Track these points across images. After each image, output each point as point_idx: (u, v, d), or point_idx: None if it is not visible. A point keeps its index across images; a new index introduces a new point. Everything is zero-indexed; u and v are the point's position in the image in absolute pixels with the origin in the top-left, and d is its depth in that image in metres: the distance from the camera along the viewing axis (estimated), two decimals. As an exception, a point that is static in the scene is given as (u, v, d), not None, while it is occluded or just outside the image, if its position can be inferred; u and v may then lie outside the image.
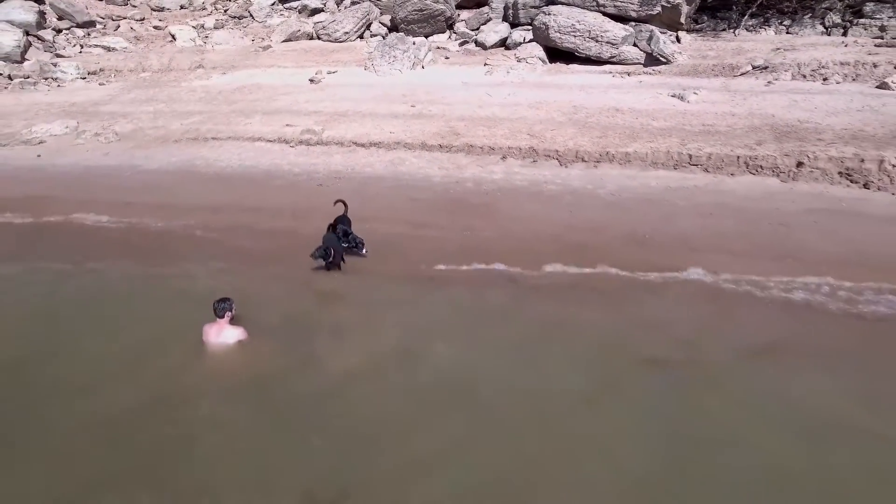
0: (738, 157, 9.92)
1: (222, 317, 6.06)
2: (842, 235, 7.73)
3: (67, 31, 20.15)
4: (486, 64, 17.01)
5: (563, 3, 17.03)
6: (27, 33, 18.82)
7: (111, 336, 6.25)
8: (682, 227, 8.29)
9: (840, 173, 9.37)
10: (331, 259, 7.31)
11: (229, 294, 6.22)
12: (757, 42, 16.07)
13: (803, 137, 10.27)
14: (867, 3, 16.11)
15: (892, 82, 12.73)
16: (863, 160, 9.31)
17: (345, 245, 7.76)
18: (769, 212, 8.54)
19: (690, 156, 10.14)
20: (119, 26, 21.35)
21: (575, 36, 16.24)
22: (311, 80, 16.74)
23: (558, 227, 8.35)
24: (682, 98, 13.08)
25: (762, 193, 9.15)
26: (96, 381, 5.53)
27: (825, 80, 13.57)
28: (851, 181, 9.24)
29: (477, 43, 18.59)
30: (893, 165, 9.14)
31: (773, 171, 9.67)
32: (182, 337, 6.16)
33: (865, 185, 9.11)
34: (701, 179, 9.69)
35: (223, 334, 6.07)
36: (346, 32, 20.09)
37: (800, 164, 9.58)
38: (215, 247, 8.29)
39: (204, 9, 23.65)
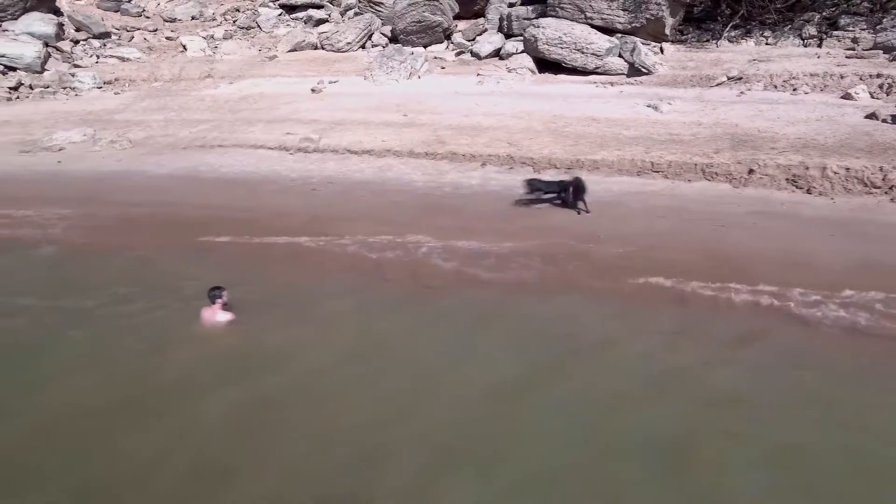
0: (696, 165, 10.74)
1: (214, 303, 7.06)
2: (771, 234, 8.54)
3: (84, 42, 21.33)
4: (478, 74, 17.87)
5: (552, 16, 17.95)
6: (47, 45, 20.00)
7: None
8: (634, 226, 9.13)
9: (787, 179, 10.17)
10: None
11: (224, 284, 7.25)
12: (736, 53, 16.81)
13: (758, 146, 11.07)
14: (842, 17, 16.86)
15: (855, 93, 13.48)
16: (807, 167, 10.10)
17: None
18: (715, 214, 9.35)
19: (652, 163, 10.97)
20: (133, 37, 22.54)
21: (561, 48, 17.10)
22: (313, 90, 17.71)
23: (516, 226, 9.26)
24: (656, 108, 13.88)
25: (713, 197, 9.95)
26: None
27: (794, 90, 14.32)
28: (796, 187, 10.03)
29: (472, 53, 19.44)
30: (835, 172, 9.92)
31: (727, 178, 10.48)
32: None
33: (808, 191, 9.90)
34: (659, 185, 10.52)
35: (216, 317, 7.08)
36: (349, 43, 21.06)
37: (751, 171, 10.39)
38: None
39: (214, 20, 24.80)
